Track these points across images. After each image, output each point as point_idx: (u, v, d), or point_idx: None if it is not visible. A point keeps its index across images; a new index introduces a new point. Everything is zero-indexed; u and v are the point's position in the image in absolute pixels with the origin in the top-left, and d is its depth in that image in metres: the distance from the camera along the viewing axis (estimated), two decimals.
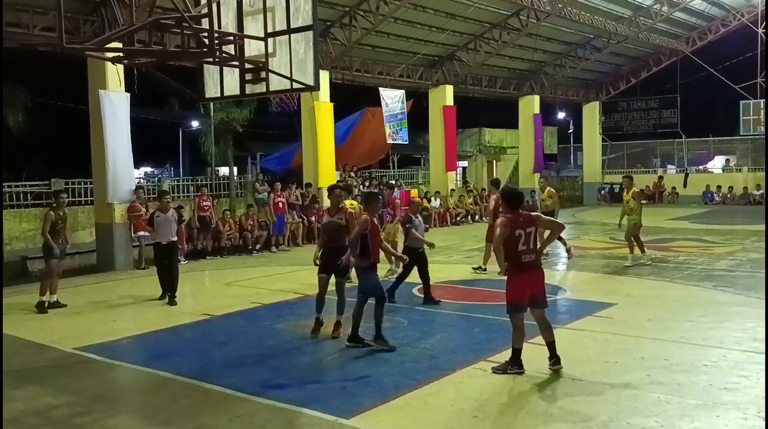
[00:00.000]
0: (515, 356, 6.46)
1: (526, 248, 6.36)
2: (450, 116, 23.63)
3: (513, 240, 6.30)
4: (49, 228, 10.16)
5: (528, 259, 6.38)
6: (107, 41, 8.16)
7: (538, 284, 6.52)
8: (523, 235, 6.32)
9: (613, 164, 34.31)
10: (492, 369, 6.50)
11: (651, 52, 29.61)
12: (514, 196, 6.63)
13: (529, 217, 6.51)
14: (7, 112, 15.22)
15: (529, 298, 6.43)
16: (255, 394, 6.04)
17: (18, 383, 6.62)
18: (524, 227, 6.35)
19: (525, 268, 6.38)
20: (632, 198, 13.32)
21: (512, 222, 6.34)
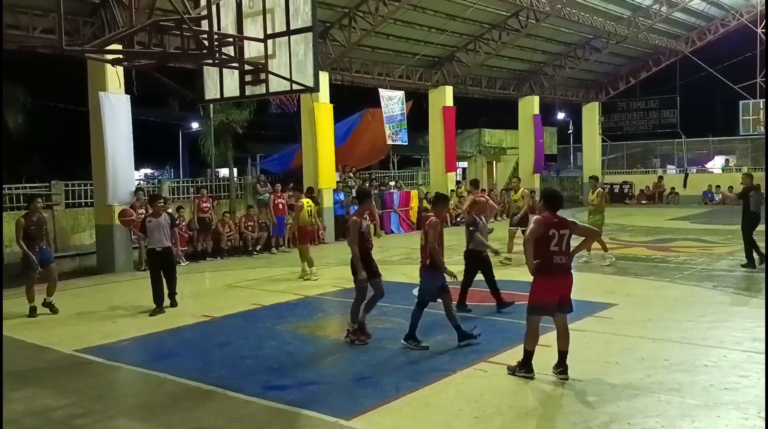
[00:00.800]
0: (526, 359, 6.33)
1: (558, 250, 6.24)
2: (450, 117, 23.64)
3: (546, 239, 6.21)
4: (22, 235, 9.71)
5: (559, 261, 6.25)
6: (107, 43, 8.15)
7: (567, 288, 6.39)
8: (556, 235, 6.22)
9: (613, 164, 34.31)
10: (507, 368, 6.46)
11: (650, 52, 29.64)
12: (553, 198, 6.56)
13: (564, 221, 6.39)
14: (6, 113, 15.21)
15: (558, 302, 6.31)
16: (255, 395, 6.04)
17: (18, 384, 6.62)
18: (558, 228, 6.26)
19: (555, 270, 6.25)
20: (597, 197, 13.58)
21: (547, 221, 6.28)
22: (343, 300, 10.67)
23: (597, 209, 13.51)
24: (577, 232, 6.55)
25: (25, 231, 9.75)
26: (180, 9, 6.93)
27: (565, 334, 6.42)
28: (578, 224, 6.66)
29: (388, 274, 12.92)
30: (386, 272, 13.03)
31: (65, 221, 16.61)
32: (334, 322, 9.57)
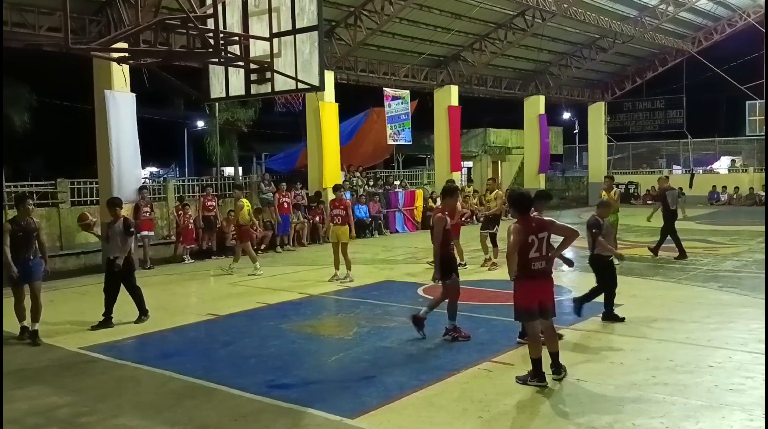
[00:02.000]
0: (536, 368, 6.09)
1: (538, 255, 6.10)
2: (455, 116, 23.63)
3: (525, 246, 6.03)
4: (8, 241, 8.16)
5: (538, 267, 6.12)
6: (113, 41, 8.17)
7: (547, 292, 6.27)
8: (535, 241, 6.07)
9: (618, 164, 34.23)
10: (516, 378, 6.23)
11: (657, 52, 29.57)
12: (521, 199, 6.35)
13: (541, 222, 6.27)
14: (11, 111, 15.26)
15: (538, 307, 6.16)
16: (260, 394, 6.05)
17: (21, 383, 6.64)
18: (537, 233, 6.09)
19: (534, 274, 6.12)
20: (614, 197, 13.47)
21: (525, 228, 6.08)
22: (347, 299, 10.71)
23: (615, 209, 13.20)
24: (556, 231, 6.38)
25: (11, 237, 8.22)
26: (186, 7, 6.93)
27: (553, 336, 6.33)
28: (556, 223, 6.46)
29: (393, 273, 12.97)
30: (391, 271, 13.13)
31: (70, 219, 16.63)
32: (338, 321, 9.57)
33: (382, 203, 21.04)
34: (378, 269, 13.55)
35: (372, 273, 13.05)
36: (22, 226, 8.33)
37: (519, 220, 6.21)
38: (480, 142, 32.72)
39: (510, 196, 6.68)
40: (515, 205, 6.36)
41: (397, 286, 11.67)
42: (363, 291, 11.15)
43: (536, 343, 6.17)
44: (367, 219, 19.81)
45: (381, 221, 20.52)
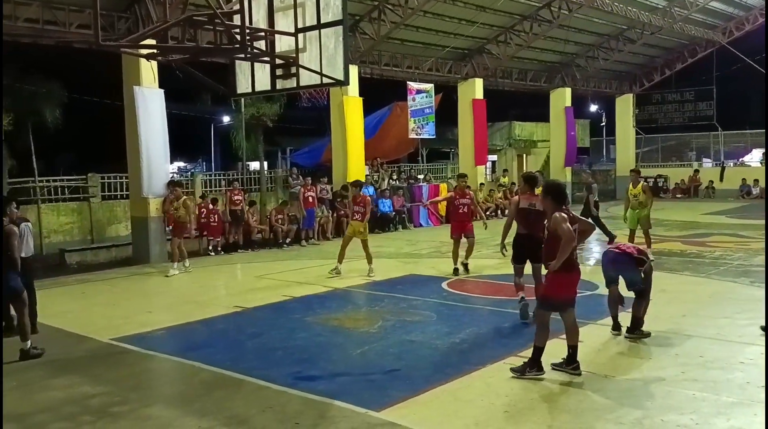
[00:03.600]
0: (536, 356, 6.17)
1: (576, 246, 6.21)
2: (479, 110, 23.51)
3: None
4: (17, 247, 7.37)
5: (575, 257, 6.23)
6: (142, 38, 8.28)
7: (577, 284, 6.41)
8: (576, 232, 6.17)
9: (647, 158, 33.79)
10: (510, 369, 6.28)
11: (686, 43, 29.09)
12: (560, 190, 6.41)
13: (572, 214, 6.32)
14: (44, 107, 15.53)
15: (571, 298, 6.26)
16: (287, 386, 6.12)
17: (56, 372, 6.80)
18: (572, 224, 6.14)
19: (574, 266, 6.22)
20: (642, 192, 13.04)
21: (570, 218, 6.15)
22: (372, 293, 10.76)
23: (643, 204, 12.96)
24: (580, 225, 6.43)
25: None
26: (213, 4, 7.01)
27: (575, 329, 6.34)
28: (579, 217, 6.51)
29: (417, 267, 12.98)
30: (415, 266, 13.14)
31: (101, 213, 16.93)
32: (363, 314, 9.62)
33: (406, 197, 21.04)
34: (402, 263, 13.58)
35: (396, 267, 13.08)
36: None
37: (559, 211, 6.19)
38: (505, 136, 32.52)
39: (547, 187, 6.54)
40: (555, 196, 6.32)
41: (421, 280, 11.69)
42: (387, 285, 11.19)
43: (545, 332, 6.22)
44: (391, 213, 19.84)
45: (405, 215, 20.53)
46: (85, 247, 15.35)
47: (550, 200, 6.30)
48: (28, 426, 5.46)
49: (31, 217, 15.55)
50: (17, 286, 7.34)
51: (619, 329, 7.56)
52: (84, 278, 12.75)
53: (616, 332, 7.55)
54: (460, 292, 10.38)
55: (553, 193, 6.35)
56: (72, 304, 10.31)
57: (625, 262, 7.43)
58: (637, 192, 13.06)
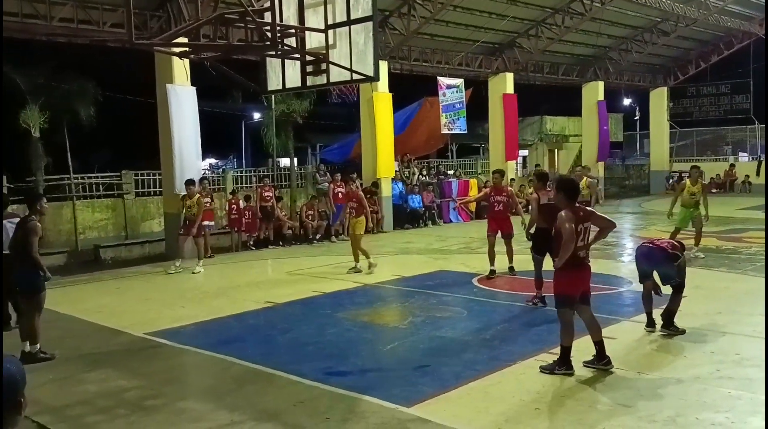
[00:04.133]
0: (564, 355, 6.15)
1: (582, 244, 6.14)
2: (510, 104, 23.32)
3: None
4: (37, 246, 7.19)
5: (583, 255, 6.17)
6: (174, 36, 8.37)
7: (588, 281, 6.32)
8: (582, 230, 6.11)
9: (681, 152, 33.25)
10: (540, 368, 6.26)
11: (722, 35, 28.50)
12: (572, 187, 6.43)
13: (586, 212, 6.31)
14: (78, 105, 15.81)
15: (581, 295, 6.23)
16: (317, 381, 6.15)
17: (92, 366, 6.92)
18: (583, 222, 6.12)
19: (579, 263, 6.15)
20: (701, 191, 12.55)
21: (575, 216, 6.10)
22: (401, 289, 10.77)
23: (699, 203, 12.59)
24: (596, 222, 6.34)
25: None
26: (244, 2, 7.06)
27: (596, 325, 6.31)
28: (596, 214, 6.47)
29: (447, 263, 12.95)
30: (445, 262, 13.11)
31: (135, 210, 17.20)
32: (393, 310, 9.64)
33: (436, 193, 20.99)
34: (432, 259, 13.56)
35: (426, 263, 13.07)
36: None
37: (568, 208, 6.17)
38: (536, 130, 32.24)
39: (559, 184, 6.59)
40: (566, 192, 6.30)
41: (451, 276, 11.66)
42: (417, 281, 11.19)
43: (570, 331, 6.18)
44: (421, 209, 19.82)
45: (435, 211, 20.49)
46: (119, 243, 15.63)
47: (562, 196, 6.29)
48: (64, 419, 5.57)
49: (67, 213, 15.91)
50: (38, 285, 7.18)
51: (653, 326, 7.46)
52: (118, 274, 12.96)
53: (650, 329, 7.45)
54: (491, 288, 10.34)
55: (565, 189, 6.34)
56: (106, 299, 10.49)
57: (659, 257, 7.34)
58: (697, 190, 12.55)
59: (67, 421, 5.52)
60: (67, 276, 12.63)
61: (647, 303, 7.55)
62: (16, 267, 7.20)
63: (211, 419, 5.40)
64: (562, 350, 6.20)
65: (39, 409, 5.52)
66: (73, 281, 12.15)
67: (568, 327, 6.19)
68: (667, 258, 7.29)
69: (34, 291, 7.18)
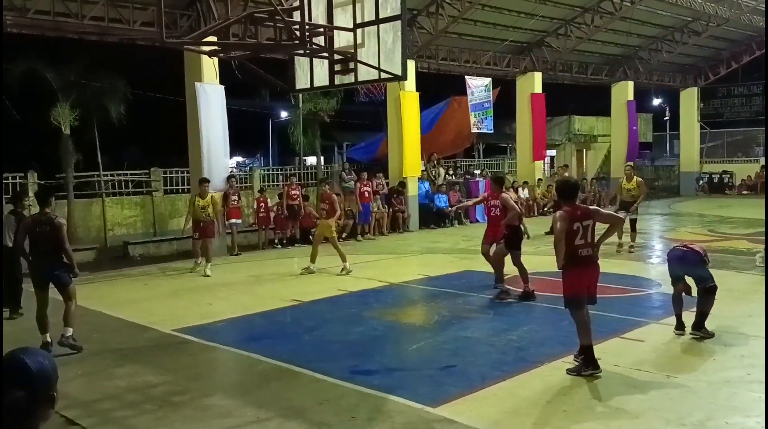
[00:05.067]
0: (588, 355, 6.10)
1: (584, 242, 6.17)
2: (538, 104, 23.14)
3: (571, 234, 6.11)
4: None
5: (585, 254, 6.18)
6: (204, 35, 8.45)
7: (595, 279, 6.36)
8: (580, 228, 6.14)
9: (712, 153, 32.73)
10: (566, 370, 6.19)
11: (754, 34, 27.94)
12: (568, 188, 6.52)
13: (586, 210, 6.39)
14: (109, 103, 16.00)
15: (587, 293, 6.25)
16: (343, 379, 6.16)
17: (120, 361, 7.01)
18: (582, 220, 6.17)
19: (582, 261, 6.18)
20: (636, 186, 13.37)
21: (570, 215, 6.16)
22: (427, 288, 10.75)
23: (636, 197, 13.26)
24: (601, 219, 6.42)
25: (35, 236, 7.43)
26: (273, 1, 7.10)
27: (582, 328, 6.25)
28: (601, 211, 6.54)
29: (473, 263, 12.88)
30: (471, 262, 13.05)
31: (163, 207, 17.38)
32: (419, 309, 9.63)
33: (462, 193, 20.91)
34: (458, 259, 13.51)
35: (452, 262, 13.03)
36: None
37: (565, 207, 6.29)
38: (564, 130, 31.95)
39: (556, 187, 6.86)
40: (560, 193, 6.55)
41: (477, 276, 11.59)
42: (443, 280, 11.16)
43: (586, 330, 6.16)
44: (447, 208, 19.76)
45: (461, 211, 20.39)
46: (147, 240, 15.79)
47: (559, 198, 6.54)
48: (93, 413, 5.65)
49: (96, 210, 16.12)
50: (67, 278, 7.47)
51: (682, 329, 7.35)
52: (146, 270, 13.11)
53: (680, 332, 7.35)
54: (517, 289, 10.26)
55: (559, 191, 6.63)
56: (135, 295, 10.61)
57: (694, 260, 7.25)
58: (632, 186, 13.34)
59: (95, 416, 5.60)
60: (96, 272, 12.81)
61: (677, 305, 7.45)
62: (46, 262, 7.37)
63: (237, 416, 5.44)
64: (583, 351, 6.15)
65: (68, 403, 5.60)
66: (102, 277, 12.33)
67: (583, 326, 6.18)
68: (701, 261, 7.21)
69: (65, 284, 7.47)
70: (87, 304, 9.78)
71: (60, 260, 7.39)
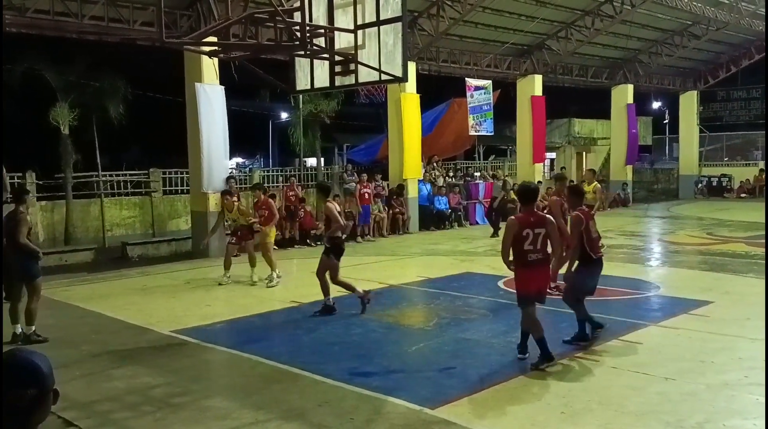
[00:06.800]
0: (543, 347, 6.40)
1: (532, 248, 6.38)
2: (538, 106, 23.16)
3: (520, 239, 6.36)
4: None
5: (533, 258, 6.42)
6: (204, 35, 8.44)
7: (545, 281, 6.65)
8: (530, 234, 6.35)
9: (711, 156, 32.76)
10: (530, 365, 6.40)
11: (753, 38, 27.97)
12: (529, 193, 6.69)
13: (541, 218, 6.54)
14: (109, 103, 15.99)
15: (536, 293, 6.52)
16: (343, 381, 6.16)
17: (119, 363, 7.00)
18: (533, 227, 6.38)
19: (531, 264, 6.42)
20: (593, 192, 13.07)
21: (521, 221, 6.43)
22: (427, 290, 10.74)
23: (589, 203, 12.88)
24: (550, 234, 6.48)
25: None
26: (274, 2, 7.10)
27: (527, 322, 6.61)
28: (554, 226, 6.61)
29: (473, 265, 12.89)
30: (471, 263, 13.06)
31: (162, 208, 17.37)
32: (418, 311, 9.62)
33: (462, 195, 20.92)
34: (458, 261, 13.51)
35: (452, 264, 13.02)
36: None
37: (519, 214, 6.67)
38: (564, 133, 31.96)
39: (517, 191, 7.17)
40: (519, 197, 6.86)
41: (477, 278, 11.60)
42: (443, 282, 11.15)
43: (536, 325, 6.51)
44: (447, 210, 19.77)
45: (461, 213, 20.43)
46: (146, 241, 15.78)
47: (519, 201, 6.95)
48: (92, 414, 5.63)
49: (94, 210, 16.12)
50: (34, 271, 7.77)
51: None
52: (145, 271, 13.09)
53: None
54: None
55: (518, 194, 6.99)
56: (134, 296, 10.59)
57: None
58: (589, 190, 12.90)
59: (93, 417, 5.58)
60: (95, 273, 12.80)
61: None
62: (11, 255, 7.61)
63: (236, 417, 5.43)
64: (539, 343, 6.43)
65: (67, 404, 5.57)
66: (101, 278, 12.31)
67: (532, 322, 6.51)
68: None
69: (32, 277, 7.75)
70: (85, 305, 9.80)
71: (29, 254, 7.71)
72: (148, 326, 8.53)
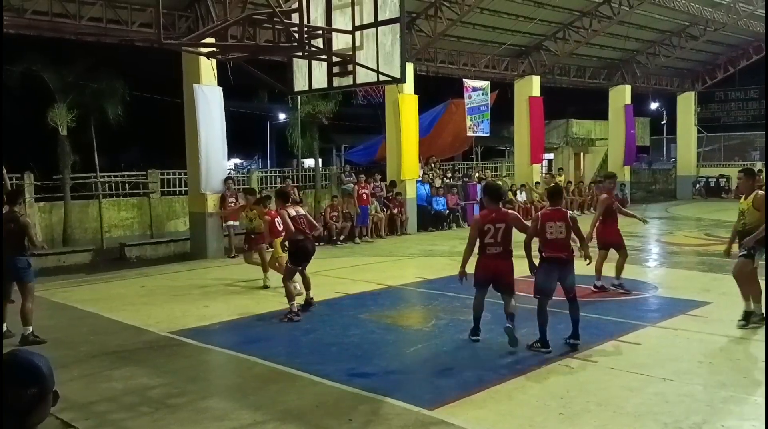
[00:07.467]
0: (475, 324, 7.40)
1: (493, 241, 7.02)
2: (536, 107, 23.18)
3: (482, 232, 7.05)
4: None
5: (492, 251, 7.05)
6: (202, 37, 8.44)
7: (500, 271, 7.12)
8: (491, 229, 7.00)
9: (708, 157, 32.79)
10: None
11: (751, 39, 28.03)
12: (492, 192, 7.32)
13: (503, 214, 7.13)
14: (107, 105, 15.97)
15: (493, 282, 7.18)
16: (340, 382, 6.16)
17: (117, 363, 6.99)
18: (494, 223, 7.00)
19: (489, 256, 7.06)
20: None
21: (482, 217, 7.19)
22: (425, 291, 10.74)
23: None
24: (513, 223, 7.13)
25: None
26: (272, 3, 7.10)
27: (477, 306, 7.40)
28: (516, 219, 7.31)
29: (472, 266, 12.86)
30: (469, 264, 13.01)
31: (161, 208, 17.35)
32: (416, 312, 9.62)
33: (460, 195, 20.93)
34: (456, 262, 13.33)
35: (450, 265, 12.95)
36: None
37: (483, 210, 7.35)
38: (561, 134, 31.96)
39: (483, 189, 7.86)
40: (484, 194, 7.46)
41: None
42: (441, 283, 11.14)
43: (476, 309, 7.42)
44: (445, 211, 19.78)
45: (459, 213, 20.43)
46: (144, 242, 15.76)
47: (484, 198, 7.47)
48: (90, 415, 5.63)
49: (93, 211, 16.10)
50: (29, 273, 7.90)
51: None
52: (143, 272, 13.08)
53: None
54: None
55: (484, 193, 7.56)
56: (132, 297, 10.58)
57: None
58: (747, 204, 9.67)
59: (92, 418, 5.58)
60: (93, 273, 12.79)
61: None
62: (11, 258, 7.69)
63: (233, 418, 5.43)
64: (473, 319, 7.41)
65: (64, 405, 5.56)
66: (99, 279, 12.31)
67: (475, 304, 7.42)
68: None
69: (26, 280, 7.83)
70: (83, 306, 9.79)
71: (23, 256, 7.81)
72: (146, 327, 8.53)
